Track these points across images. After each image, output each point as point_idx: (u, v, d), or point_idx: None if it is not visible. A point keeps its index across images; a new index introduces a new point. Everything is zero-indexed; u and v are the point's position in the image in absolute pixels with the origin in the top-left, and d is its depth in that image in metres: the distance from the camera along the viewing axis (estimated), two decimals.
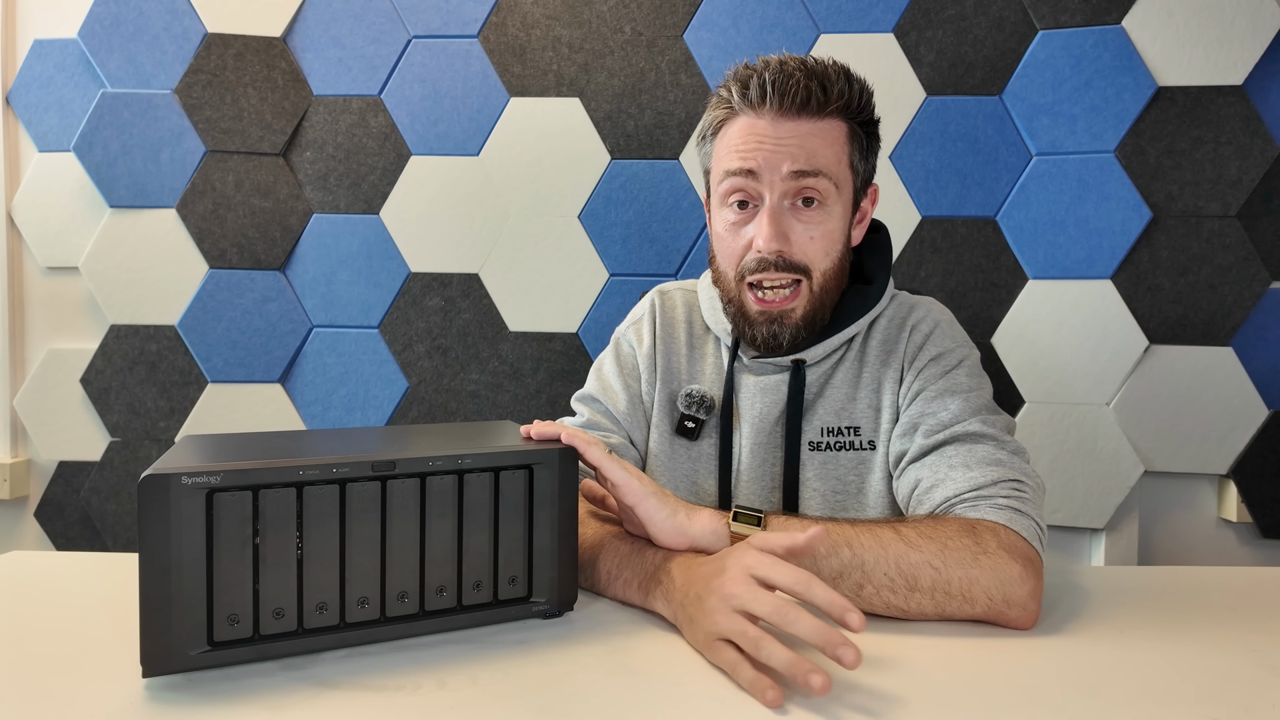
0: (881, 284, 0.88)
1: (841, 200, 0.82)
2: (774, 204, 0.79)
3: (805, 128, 0.79)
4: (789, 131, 0.78)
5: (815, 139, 0.79)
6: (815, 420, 0.86)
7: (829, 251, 0.82)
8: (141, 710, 0.49)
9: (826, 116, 0.79)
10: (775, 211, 0.79)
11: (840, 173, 0.81)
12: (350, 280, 1.55)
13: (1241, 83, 1.41)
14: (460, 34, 1.53)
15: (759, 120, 0.79)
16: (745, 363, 0.89)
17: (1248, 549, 1.47)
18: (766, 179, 0.79)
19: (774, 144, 0.78)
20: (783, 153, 0.78)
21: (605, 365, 0.96)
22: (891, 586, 0.62)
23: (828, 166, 0.79)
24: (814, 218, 0.80)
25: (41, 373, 1.57)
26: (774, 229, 0.79)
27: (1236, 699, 0.51)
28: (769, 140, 0.78)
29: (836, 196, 0.81)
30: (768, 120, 0.79)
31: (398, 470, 0.57)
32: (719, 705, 0.50)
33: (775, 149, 0.78)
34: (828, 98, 0.78)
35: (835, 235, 0.82)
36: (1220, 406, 1.43)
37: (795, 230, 0.80)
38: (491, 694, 0.51)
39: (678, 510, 0.67)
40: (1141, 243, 1.44)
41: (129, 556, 0.76)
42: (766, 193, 0.80)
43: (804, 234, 0.80)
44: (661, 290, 0.99)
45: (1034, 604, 0.63)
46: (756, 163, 0.79)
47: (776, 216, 0.79)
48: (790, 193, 0.80)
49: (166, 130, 1.53)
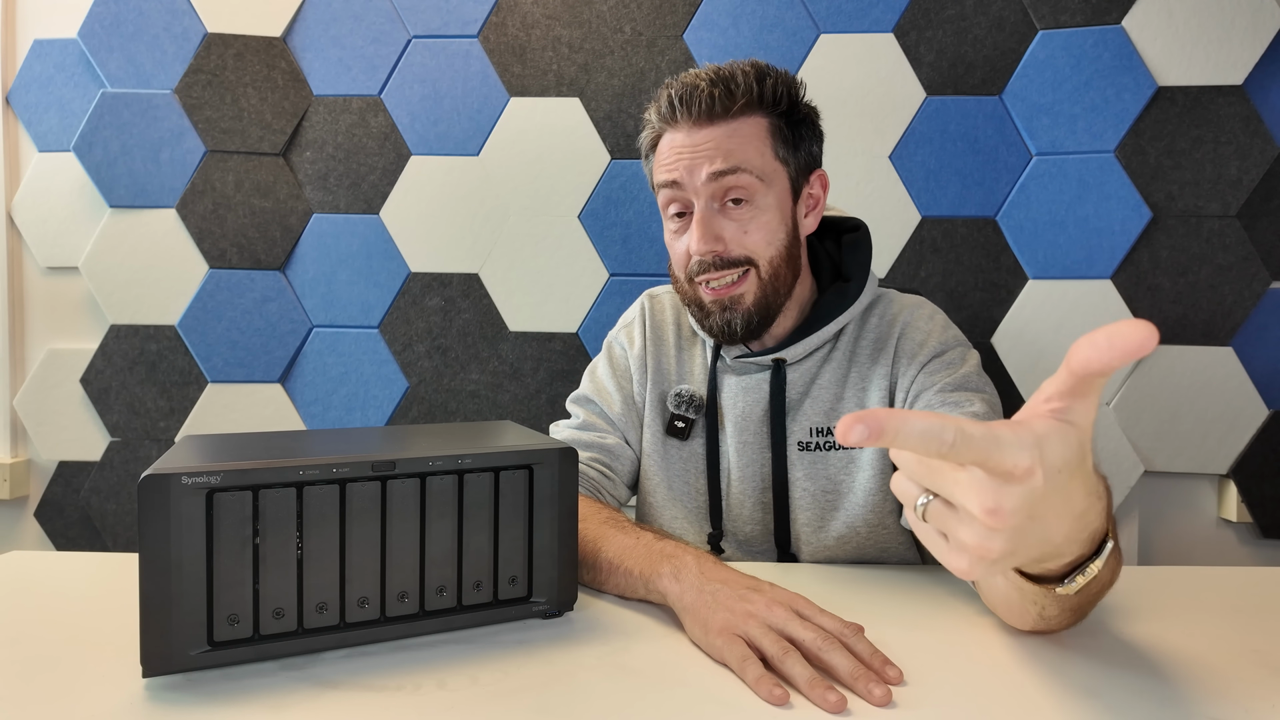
0: (860, 281, 0.89)
1: (773, 193, 0.83)
2: (702, 209, 0.82)
3: (719, 131, 0.81)
4: (704, 138, 0.81)
5: (730, 140, 0.81)
6: (803, 420, 0.86)
7: (770, 240, 0.83)
8: (141, 710, 0.49)
9: (738, 116, 0.81)
10: (704, 215, 0.81)
11: (764, 166, 0.82)
12: (350, 280, 1.55)
13: (1241, 83, 1.41)
14: (460, 34, 1.53)
15: (678, 134, 0.82)
16: (728, 363, 0.89)
17: (1248, 549, 1.47)
18: (691, 186, 0.81)
19: (692, 152, 0.81)
20: (700, 158, 0.81)
21: (599, 368, 0.97)
22: None
23: (748, 162, 0.81)
24: (744, 214, 0.82)
25: (41, 373, 1.57)
26: (703, 231, 0.81)
27: (1236, 699, 0.51)
28: (687, 150, 0.81)
29: (765, 189, 0.82)
30: (684, 132, 0.82)
31: (398, 470, 0.57)
32: (719, 705, 0.50)
33: (694, 157, 0.81)
34: (733, 98, 0.80)
35: (773, 226, 0.83)
36: (1220, 406, 1.43)
37: (727, 229, 0.82)
38: (491, 694, 0.51)
39: None
40: (1141, 243, 1.44)
41: (129, 556, 0.76)
42: (694, 199, 0.82)
43: (737, 230, 0.82)
44: (651, 294, 1.00)
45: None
46: (679, 173, 0.81)
47: (705, 220, 0.81)
48: (716, 195, 0.82)
49: (166, 130, 1.53)
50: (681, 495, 0.90)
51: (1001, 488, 0.37)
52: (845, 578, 0.76)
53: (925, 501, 0.41)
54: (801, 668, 0.52)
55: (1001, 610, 0.60)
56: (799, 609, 0.58)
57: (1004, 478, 0.37)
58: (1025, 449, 0.36)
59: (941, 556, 0.41)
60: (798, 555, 0.87)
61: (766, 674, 0.52)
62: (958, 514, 0.40)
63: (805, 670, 0.52)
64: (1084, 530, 0.44)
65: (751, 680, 0.52)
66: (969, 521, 0.39)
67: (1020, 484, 0.37)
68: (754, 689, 0.51)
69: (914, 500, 0.42)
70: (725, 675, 0.54)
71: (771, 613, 0.57)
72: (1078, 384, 0.37)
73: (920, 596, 0.70)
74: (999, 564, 0.40)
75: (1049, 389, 0.39)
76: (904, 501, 0.43)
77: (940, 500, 0.41)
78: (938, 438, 0.35)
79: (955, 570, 0.41)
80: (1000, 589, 0.57)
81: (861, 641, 0.55)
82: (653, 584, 0.65)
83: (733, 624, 0.56)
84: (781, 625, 0.56)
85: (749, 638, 0.55)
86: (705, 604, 0.59)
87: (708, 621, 0.58)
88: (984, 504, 0.37)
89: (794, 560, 0.87)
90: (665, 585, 0.64)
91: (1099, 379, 0.37)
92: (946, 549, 0.41)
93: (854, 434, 0.34)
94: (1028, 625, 0.58)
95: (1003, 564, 0.40)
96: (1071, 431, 0.38)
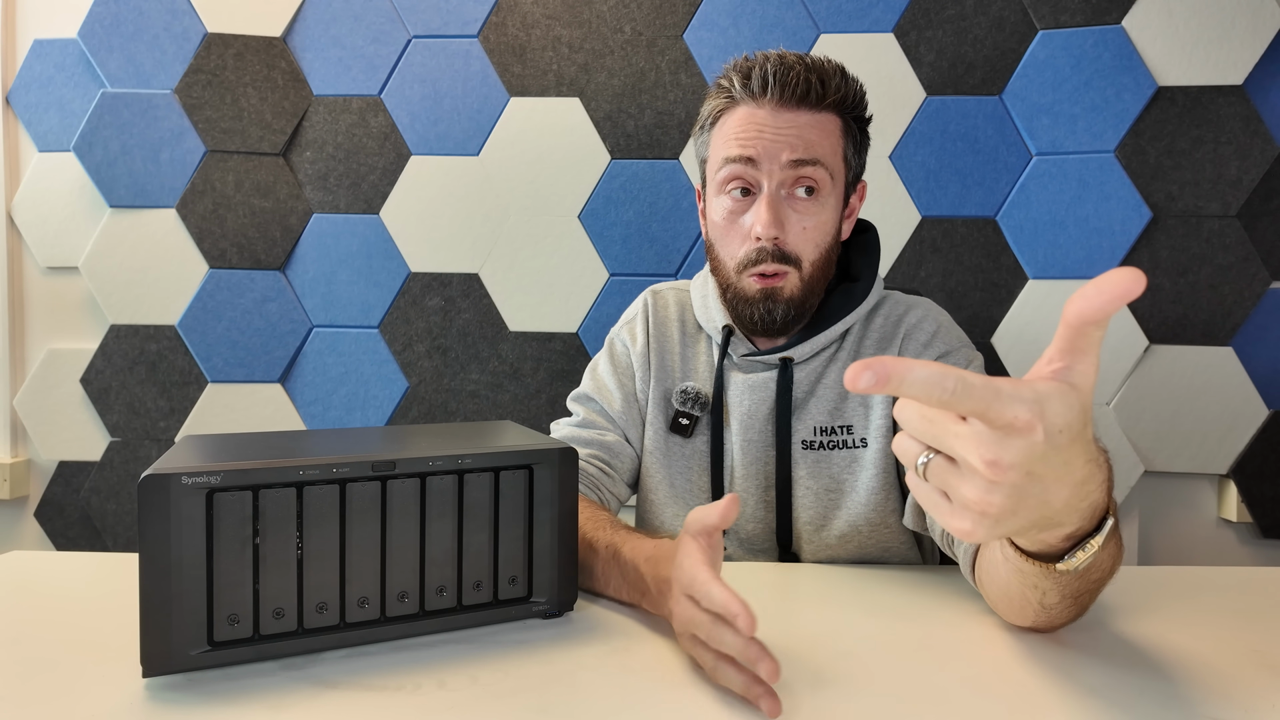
0: (868, 282, 0.89)
1: (835, 192, 0.83)
2: (772, 191, 0.81)
3: (803, 119, 0.80)
4: (788, 122, 0.80)
5: (813, 130, 0.80)
6: (808, 419, 0.86)
7: (819, 244, 0.83)
8: (141, 710, 0.49)
9: (823, 109, 0.81)
10: (773, 199, 0.81)
11: (835, 164, 0.82)
12: (350, 280, 1.55)
13: (1241, 83, 1.41)
14: (460, 34, 1.53)
15: (759, 110, 0.81)
16: (735, 360, 0.89)
17: (1248, 549, 1.47)
18: (765, 167, 0.80)
19: (774, 133, 0.80)
20: (782, 141, 0.80)
21: (600, 365, 0.97)
22: None
23: (824, 157, 0.81)
24: (809, 208, 0.82)
25: (41, 373, 1.57)
26: (772, 215, 0.80)
27: (1236, 699, 0.51)
28: (769, 129, 0.80)
29: (831, 187, 0.82)
30: (768, 110, 0.80)
31: (398, 470, 0.57)
32: (719, 705, 0.50)
33: (775, 138, 0.80)
34: (825, 91, 0.80)
35: (827, 227, 0.83)
36: (1220, 406, 1.43)
37: (790, 219, 0.81)
38: (491, 694, 0.51)
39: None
40: (1141, 243, 1.44)
41: (129, 556, 0.76)
42: (765, 180, 0.81)
43: (798, 223, 0.82)
44: (654, 290, 0.99)
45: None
46: (756, 150, 0.80)
47: (774, 204, 0.81)
48: (788, 181, 0.81)
49: (166, 130, 1.53)
50: (684, 493, 0.90)
51: (1002, 440, 0.37)
52: (846, 577, 0.76)
53: (926, 460, 0.42)
54: (735, 676, 0.49)
55: (1002, 603, 0.60)
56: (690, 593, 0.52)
57: (1005, 430, 0.37)
58: (1025, 403, 0.37)
59: (943, 518, 0.42)
60: (799, 554, 0.87)
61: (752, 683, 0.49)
62: (959, 470, 0.40)
63: (738, 677, 0.49)
64: (1084, 499, 0.44)
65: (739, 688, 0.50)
66: (970, 476, 0.39)
67: (1021, 437, 0.37)
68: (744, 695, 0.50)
69: (915, 458, 0.42)
70: None
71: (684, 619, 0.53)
72: (1075, 337, 0.38)
73: (921, 596, 0.70)
74: (1000, 523, 0.40)
75: (1048, 351, 0.40)
76: (905, 461, 0.43)
77: (942, 457, 0.41)
78: (939, 384, 0.36)
79: (958, 531, 0.41)
80: (1000, 576, 0.57)
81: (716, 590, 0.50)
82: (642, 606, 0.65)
83: (681, 631, 0.55)
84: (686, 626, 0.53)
85: (692, 653, 0.54)
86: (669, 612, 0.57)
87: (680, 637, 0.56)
88: (984, 455, 0.38)
89: (795, 559, 0.87)
90: (647, 607, 0.64)
91: (1094, 330, 0.38)
92: (949, 510, 0.41)
93: (862, 380, 0.36)
94: (1028, 618, 0.58)
95: (1004, 524, 0.40)
96: (1073, 394, 0.38)
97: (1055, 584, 0.52)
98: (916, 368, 0.36)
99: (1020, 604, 0.57)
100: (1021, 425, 0.37)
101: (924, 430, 0.41)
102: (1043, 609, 0.55)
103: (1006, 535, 0.44)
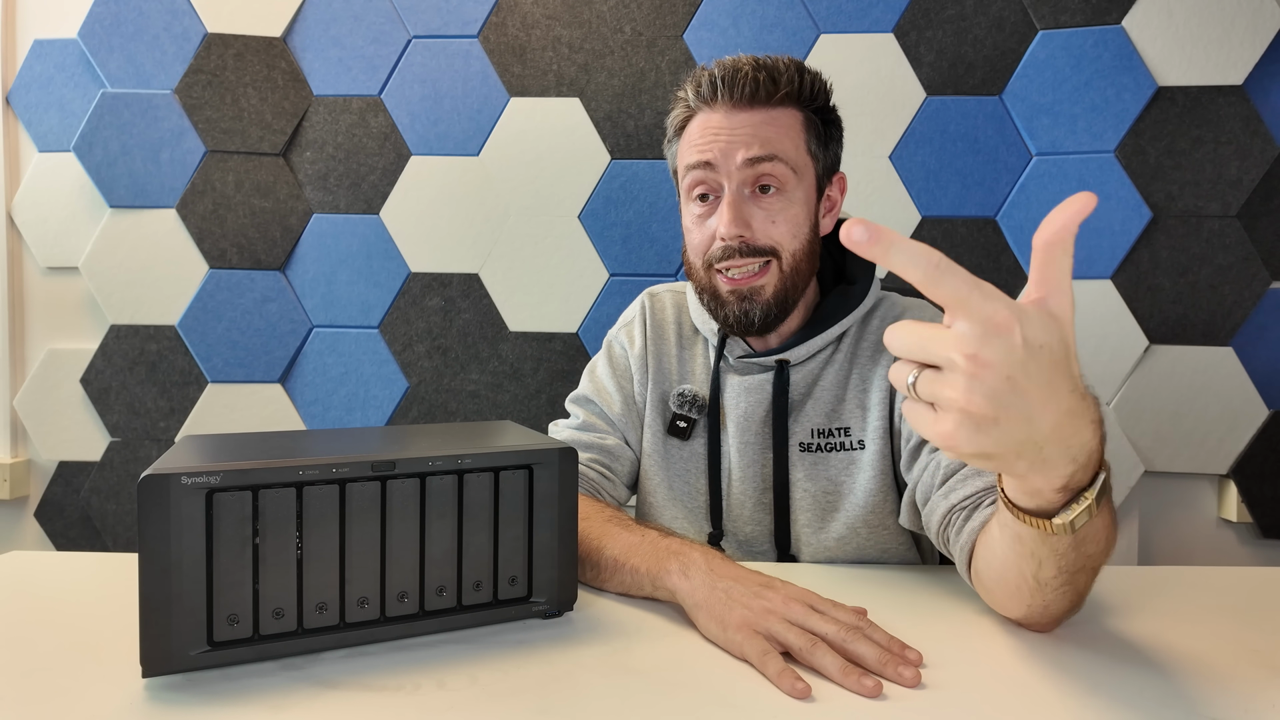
0: (865, 284, 0.89)
1: (803, 186, 0.83)
2: (733, 192, 0.81)
3: (758, 117, 0.80)
4: (742, 122, 0.80)
5: (768, 127, 0.80)
6: (805, 421, 0.86)
7: (795, 234, 0.83)
8: (141, 710, 0.49)
9: (778, 105, 0.81)
10: (735, 199, 0.81)
11: (798, 158, 0.82)
12: (350, 280, 1.55)
13: (1241, 83, 1.41)
14: (460, 34, 1.53)
15: (714, 114, 0.81)
16: (731, 363, 0.89)
17: (1248, 549, 1.47)
18: (724, 169, 0.81)
19: (729, 135, 0.80)
20: (737, 142, 0.80)
21: (598, 367, 0.97)
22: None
23: (783, 152, 0.80)
24: (773, 204, 0.81)
25: (41, 373, 1.57)
26: (733, 215, 0.80)
27: (1236, 698, 0.51)
28: (724, 132, 0.80)
29: (796, 182, 0.82)
30: (721, 114, 0.81)
31: (398, 470, 0.57)
32: (720, 705, 0.50)
33: (730, 139, 0.80)
34: (777, 86, 0.80)
35: (799, 219, 0.83)
36: (1220, 406, 1.43)
37: (756, 216, 0.81)
38: (491, 694, 0.51)
39: None
40: (1141, 243, 1.44)
41: (129, 556, 0.76)
42: (725, 182, 0.81)
43: (765, 219, 0.81)
44: (651, 292, 0.99)
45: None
46: (713, 154, 0.81)
47: (736, 204, 0.81)
48: (748, 181, 0.81)
49: (166, 130, 1.53)
50: (682, 495, 0.90)
51: (983, 336, 0.39)
52: (845, 577, 0.76)
53: (915, 377, 0.43)
54: (832, 658, 0.53)
55: (998, 589, 0.60)
56: (813, 604, 0.59)
57: (984, 326, 0.39)
58: (1004, 305, 0.39)
59: (928, 430, 0.43)
60: (798, 556, 0.87)
61: (788, 668, 0.52)
62: (943, 375, 0.41)
63: (836, 660, 0.53)
64: (1074, 434, 0.44)
65: (774, 674, 0.52)
66: (952, 376, 0.41)
67: (999, 336, 0.39)
68: (776, 683, 0.52)
69: (905, 380, 0.44)
70: (726, 675, 0.54)
71: (790, 609, 0.58)
72: (1045, 263, 0.41)
73: (920, 596, 0.70)
74: (981, 429, 0.41)
75: (1026, 288, 0.43)
76: (897, 386, 0.45)
77: (929, 370, 0.42)
78: (926, 256, 0.39)
79: (940, 436, 0.42)
80: (997, 554, 0.57)
81: (877, 630, 0.56)
82: (660, 581, 0.65)
83: (751, 620, 0.57)
84: (801, 620, 0.56)
85: (770, 634, 0.56)
86: (719, 600, 0.60)
87: (724, 618, 0.58)
88: (965, 350, 0.39)
89: (794, 561, 0.87)
90: (674, 582, 0.64)
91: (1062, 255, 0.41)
92: (933, 419, 0.42)
93: (855, 232, 0.38)
94: (1024, 600, 0.57)
95: (985, 432, 0.41)
96: (1051, 319, 0.41)
97: (1052, 552, 0.52)
98: (907, 240, 0.39)
99: (1016, 583, 0.57)
100: (1001, 321, 0.39)
101: (912, 345, 0.42)
102: (1039, 587, 0.55)
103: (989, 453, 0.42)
